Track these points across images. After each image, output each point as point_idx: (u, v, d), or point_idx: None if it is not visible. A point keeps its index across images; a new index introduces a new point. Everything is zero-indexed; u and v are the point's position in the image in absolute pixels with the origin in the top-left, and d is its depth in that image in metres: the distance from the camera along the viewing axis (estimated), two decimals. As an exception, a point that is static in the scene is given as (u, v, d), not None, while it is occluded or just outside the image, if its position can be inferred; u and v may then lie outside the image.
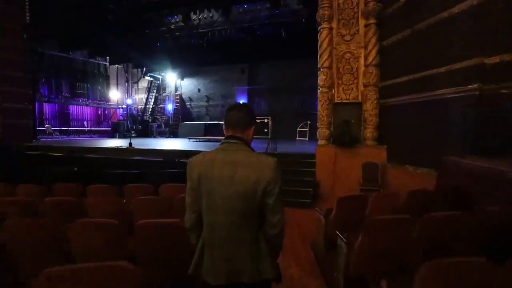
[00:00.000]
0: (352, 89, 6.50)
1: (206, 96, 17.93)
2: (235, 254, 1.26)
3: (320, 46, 6.58)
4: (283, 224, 1.28)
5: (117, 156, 8.41)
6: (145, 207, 2.82)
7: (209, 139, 13.51)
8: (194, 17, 12.95)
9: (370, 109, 6.25)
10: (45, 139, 14.28)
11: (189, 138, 13.91)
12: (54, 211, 2.85)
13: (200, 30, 12.96)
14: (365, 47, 6.29)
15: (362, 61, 6.39)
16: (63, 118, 17.09)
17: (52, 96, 16.58)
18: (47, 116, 16.39)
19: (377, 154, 6.16)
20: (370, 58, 6.21)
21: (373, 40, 6.15)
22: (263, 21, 11.90)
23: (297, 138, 13.70)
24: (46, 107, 16.40)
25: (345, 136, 6.29)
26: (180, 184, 3.68)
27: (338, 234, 2.44)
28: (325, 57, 6.50)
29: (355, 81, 6.47)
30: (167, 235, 2.02)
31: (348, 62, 6.48)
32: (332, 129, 6.61)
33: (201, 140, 13.44)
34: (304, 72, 14.43)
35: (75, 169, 6.50)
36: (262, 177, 1.21)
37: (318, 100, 6.65)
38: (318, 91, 6.68)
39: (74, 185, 4.01)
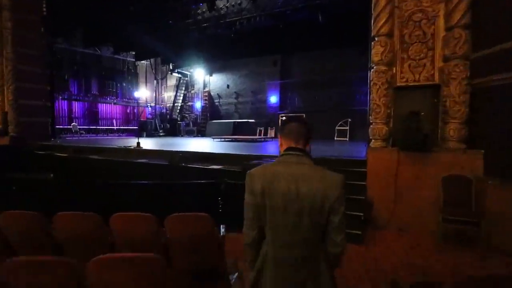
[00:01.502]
0: (425, 65, 4.38)
1: (235, 92, 16.47)
2: (299, 273, 1.20)
3: (375, 5, 4.57)
4: (345, 244, 1.22)
5: (121, 159, 7.16)
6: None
7: (235, 138, 11.99)
8: (221, 5, 11.60)
9: (455, 94, 4.09)
10: (71, 138, 13.89)
11: (213, 138, 12.53)
12: None
13: (228, 20, 11.59)
14: (447, 0, 4.17)
15: (441, 22, 4.25)
16: (92, 116, 16.82)
17: (81, 95, 16.35)
18: (76, 115, 16.16)
19: (467, 163, 4.00)
20: (457, 16, 4.06)
21: (462, -12, 4.00)
22: (297, 4, 10.18)
23: (335, 138, 11.68)
24: (75, 105, 16.18)
25: (413, 135, 4.21)
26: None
27: None
28: (383, 19, 4.47)
29: (430, 53, 4.34)
30: None
31: (418, 25, 4.37)
32: (392, 125, 4.56)
33: (226, 139, 11.97)
34: (344, 63, 12.33)
35: (51, 175, 5.25)
36: (329, 194, 1.16)
37: (372, 83, 4.62)
38: (372, 70, 4.65)
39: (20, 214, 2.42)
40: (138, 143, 7.78)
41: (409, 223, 4.20)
